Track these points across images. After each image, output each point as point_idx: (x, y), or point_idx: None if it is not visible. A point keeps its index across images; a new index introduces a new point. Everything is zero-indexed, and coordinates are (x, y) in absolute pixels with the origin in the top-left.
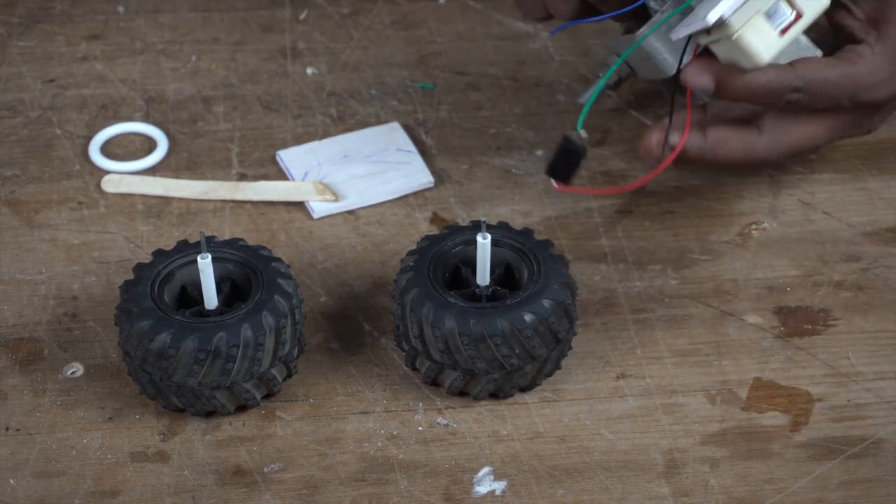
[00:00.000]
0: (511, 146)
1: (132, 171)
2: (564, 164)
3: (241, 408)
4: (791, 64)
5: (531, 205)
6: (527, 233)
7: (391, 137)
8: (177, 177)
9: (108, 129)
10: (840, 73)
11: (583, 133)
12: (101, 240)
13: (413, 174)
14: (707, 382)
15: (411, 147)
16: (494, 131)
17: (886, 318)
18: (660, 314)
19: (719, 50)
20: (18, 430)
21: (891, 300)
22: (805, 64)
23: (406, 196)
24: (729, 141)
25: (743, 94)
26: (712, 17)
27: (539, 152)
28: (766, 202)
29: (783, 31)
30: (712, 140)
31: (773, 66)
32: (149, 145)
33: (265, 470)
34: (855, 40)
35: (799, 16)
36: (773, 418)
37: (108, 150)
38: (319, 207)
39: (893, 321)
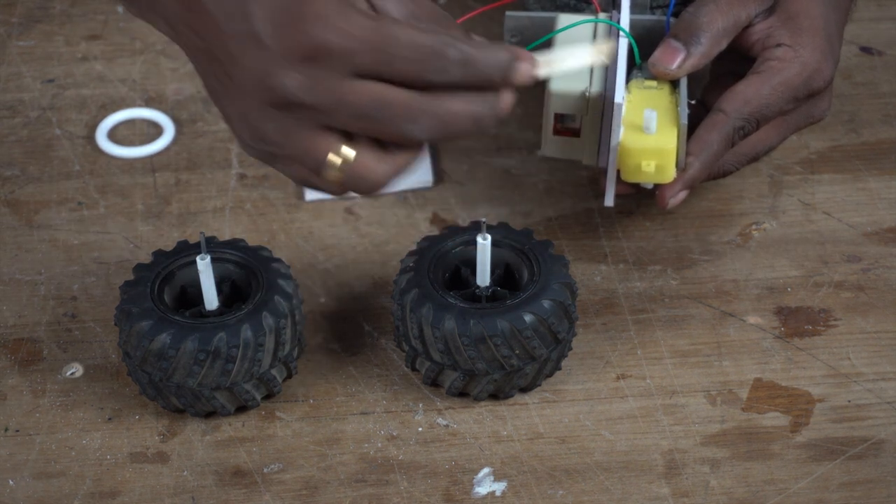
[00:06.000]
0: (511, 146)
1: (139, 156)
2: None
3: (241, 408)
4: (721, 109)
5: (531, 205)
6: (527, 233)
7: None
8: (176, 178)
9: (114, 115)
10: (772, 86)
11: None
12: (100, 240)
13: (414, 172)
14: (707, 383)
15: (424, 145)
16: (494, 131)
17: (887, 318)
18: (660, 314)
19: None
20: (18, 430)
21: (891, 300)
22: (733, 98)
23: (404, 195)
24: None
25: (703, 176)
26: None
27: (539, 152)
28: (766, 202)
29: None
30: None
31: (707, 127)
32: (155, 131)
33: (265, 470)
34: (770, 46)
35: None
36: (774, 419)
37: (114, 137)
38: (311, 193)
39: (894, 321)
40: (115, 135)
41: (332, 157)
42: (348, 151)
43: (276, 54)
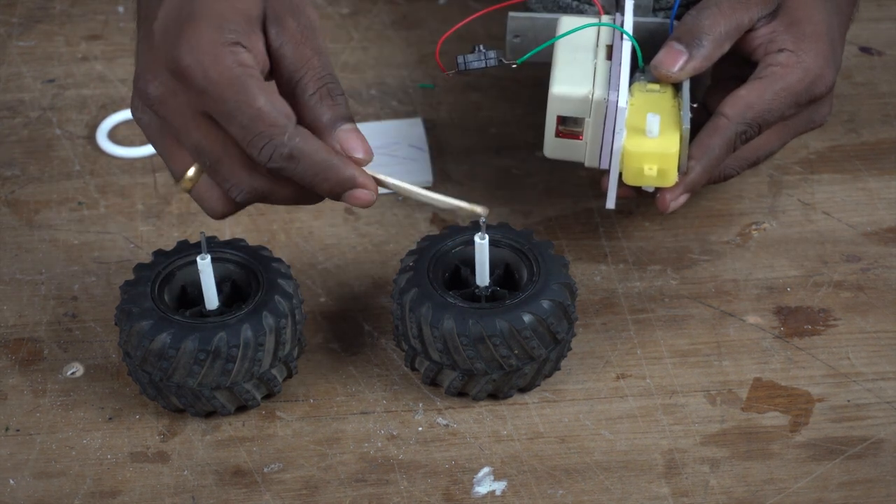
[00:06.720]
0: (511, 146)
1: (139, 156)
2: None
3: (241, 408)
4: (723, 113)
5: (531, 205)
6: (526, 233)
7: (408, 132)
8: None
9: (114, 115)
10: (775, 91)
11: None
12: (101, 240)
13: (414, 172)
14: (707, 383)
15: (423, 145)
16: (494, 131)
17: (886, 318)
18: (660, 314)
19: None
20: (18, 430)
21: (891, 300)
22: (735, 103)
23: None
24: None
25: (705, 180)
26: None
27: (539, 152)
28: (766, 202)
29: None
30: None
31: (709, 132)
32: None
33: (265, 470)
34: (772, 51)
35: None
36: (773, 419)
37: (114, 137)
38: None
39: (893, 321)
40: (115, 135)
41: (190, 170)
42: (193, 173)
43: (154, 58)
